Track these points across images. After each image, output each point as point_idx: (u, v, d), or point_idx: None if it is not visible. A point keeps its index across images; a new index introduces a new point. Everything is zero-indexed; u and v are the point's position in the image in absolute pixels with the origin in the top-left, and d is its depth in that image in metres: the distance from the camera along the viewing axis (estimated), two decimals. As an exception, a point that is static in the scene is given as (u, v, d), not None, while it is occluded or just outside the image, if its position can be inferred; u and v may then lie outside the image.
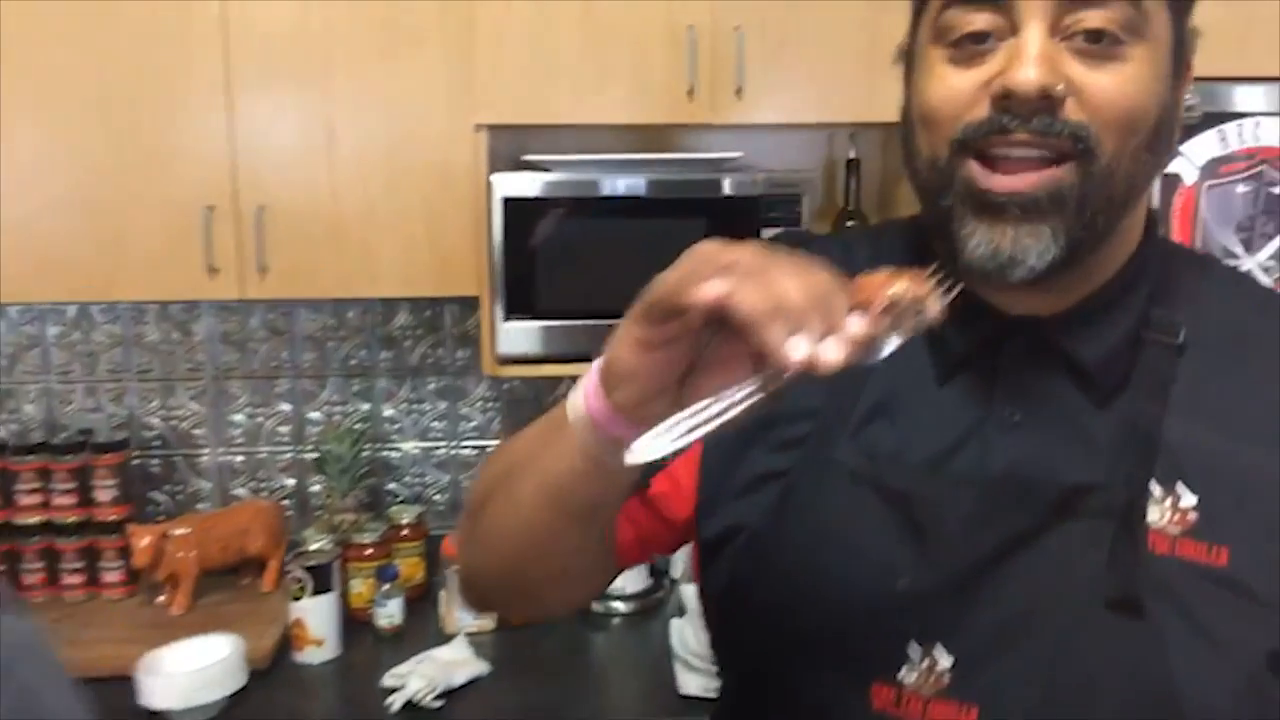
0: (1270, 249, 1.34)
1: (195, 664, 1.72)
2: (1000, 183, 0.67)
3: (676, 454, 0.66)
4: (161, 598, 2.06)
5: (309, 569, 1.91)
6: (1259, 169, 1.34)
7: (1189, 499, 0.69)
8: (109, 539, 2.10)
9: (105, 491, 2.10)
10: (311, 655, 1.92)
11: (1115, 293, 0.74)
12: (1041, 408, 0.72)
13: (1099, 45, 0.65)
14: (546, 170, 1.89)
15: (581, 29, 1.87)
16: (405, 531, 2.15)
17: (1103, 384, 0.72)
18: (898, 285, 0.56)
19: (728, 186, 1.88)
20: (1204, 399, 0.71)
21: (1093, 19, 0.65)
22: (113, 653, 1.84)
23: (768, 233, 1.31)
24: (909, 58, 0.74)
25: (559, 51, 1.87)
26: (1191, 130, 1.34)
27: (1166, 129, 0.70)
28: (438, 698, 1.76)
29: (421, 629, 2.01)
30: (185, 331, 2.26)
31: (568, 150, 2.05)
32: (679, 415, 0.57)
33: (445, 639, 1.94)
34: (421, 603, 2.10)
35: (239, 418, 2.30)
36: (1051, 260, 0.67)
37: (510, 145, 2.02)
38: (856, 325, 0.54)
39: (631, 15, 1.87)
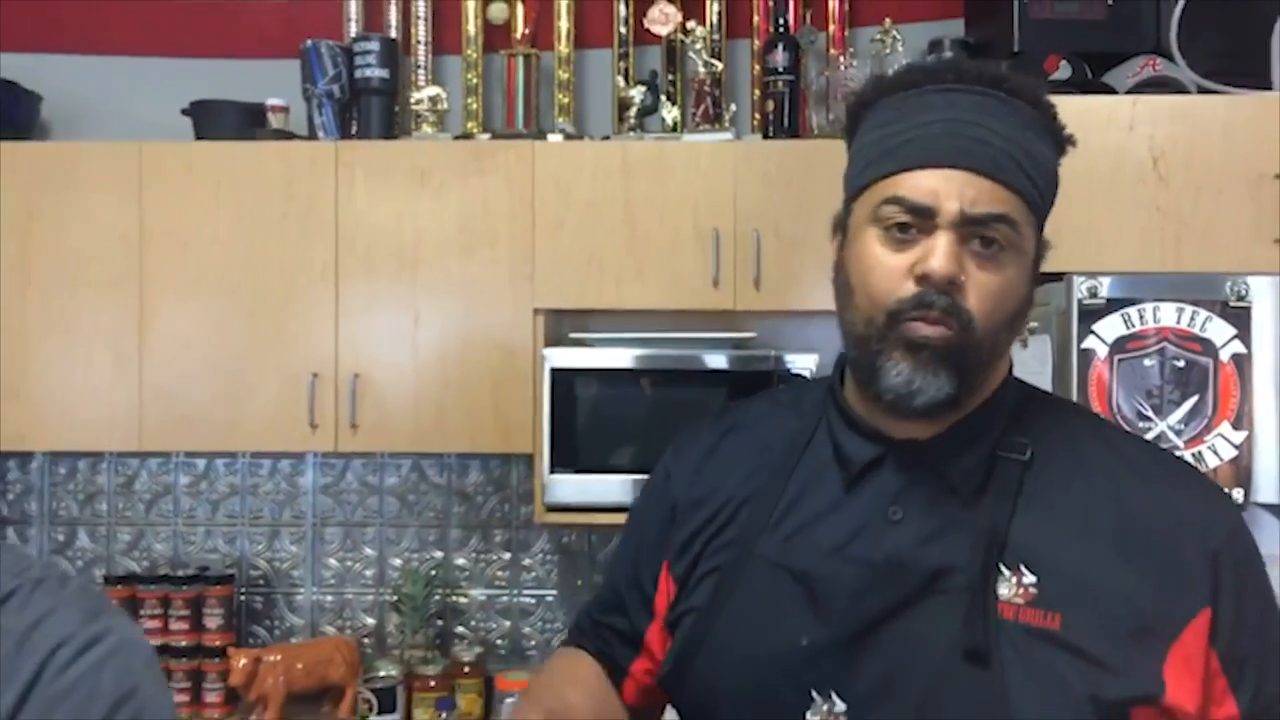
0: (1178, 414, 1.54)
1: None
2: (924, 330, 0.89)
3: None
4: (253, 718, 2.34)
5: (376, 691, 2.18)
6: (1161, 345, 1.57)
7: (1029, 578, 0.88)
8: (213, 663, 2.42)
9: (213, 619, 2.44)
10: (374, 771, 2.16)
11: (976, 423, 0.94)
12: (917, 508, 0.92)
13: (989, 251, 0.89)
14: (589, 346, 2.23)
15: (624, 231, 2.25)
16: (466, 669, 2.40)
17: (964, 491, 0.92)
18: None
19: (743, 363, 2.18)
20: (1046, 501, 0.91)
21: (984, 232, 0.89)
22: (205, 758, 2.12)
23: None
24: (844, 229, 0.99)
25: (605, 249, 2.24)
26: (1099, 314, 1.59)
27: (1022, 316, 0.93)
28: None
29: (473, 755, 2.23)
30: (292, 484, 2.63)
31: (609, 329, 2.39)
32: None
33: (491, 763, 2.15)
34: (476, 734, 2.32)
35: (332, 561, 2.62)
36: (944, 397, 0.89)
37: (561, 325, 2.38)
38: None
39: (666, 219, 2.25)
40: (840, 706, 0.89)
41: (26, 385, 2.31)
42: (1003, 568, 0.89)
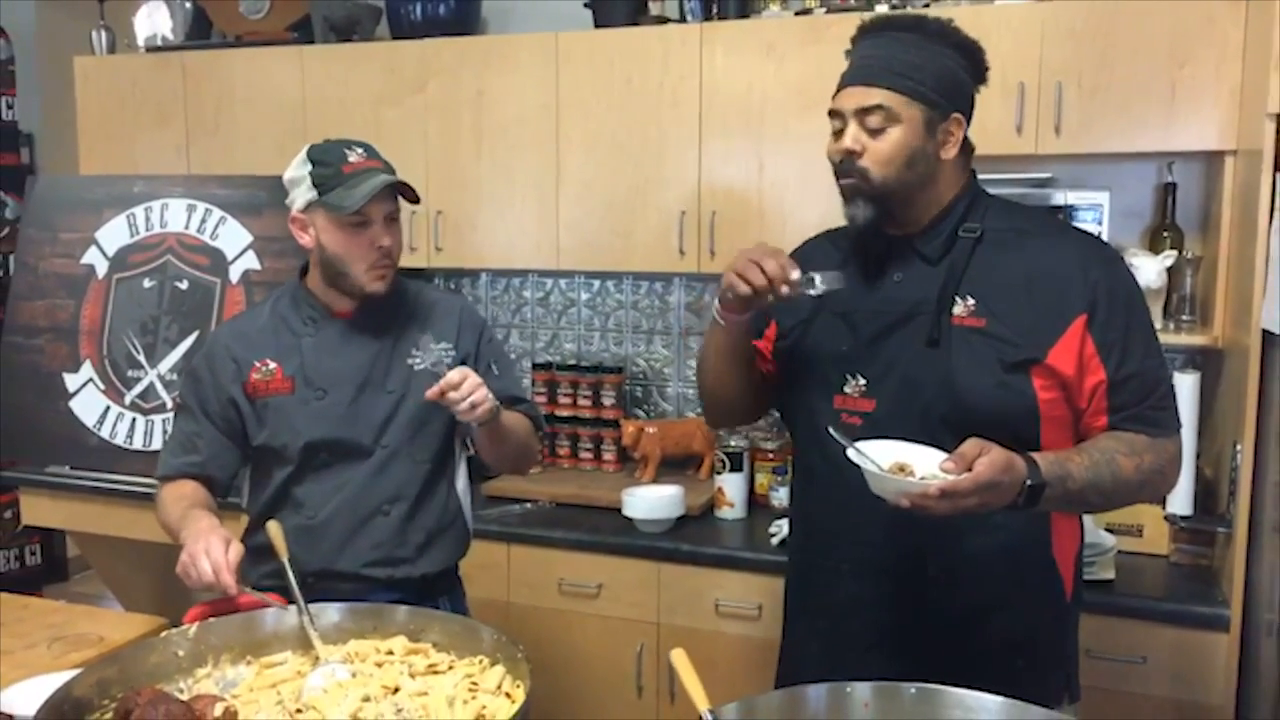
0: None
1: (656, 494, 2.74)
2: (842, 182, 1.62)
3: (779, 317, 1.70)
4: (637, 473, 3.12)
5: (727, 454, 2.86)
6: None
7: (971, 302, 1.56)
8: (608, 431, 3.22)
9: (608, 399, 3.23)
10: (726, 513, 2.87)
11: (939, 220, 1.61)
12: (908, 271, 1.62)
13: (873, 127, 1.55)
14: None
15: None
16: (798, 449, 3.02)
17: (932, 258, 1.60)
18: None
19: (1046, 199, 2.54)
20: (987, 259, 1.58)
21: (867, 118, 1.56)
22: (607, 494, 2.93)
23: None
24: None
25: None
26: None
27: (919, 160, 1.55)
28: (802, 542, 2.60)
29: (801, 510, 2.86)
30: (663, 301, 3.33)
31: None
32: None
33: (815, 514, 2.78)
34: (804, 496, 2.95)
35: (692, 362, 3.32)
36: (866, 218, 1.58)
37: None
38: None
39: (975, 76, 2.60)
40: (863, 381, 1.61)
41: (477, 221, 3.14)
42: (957, 298, 1.56)
